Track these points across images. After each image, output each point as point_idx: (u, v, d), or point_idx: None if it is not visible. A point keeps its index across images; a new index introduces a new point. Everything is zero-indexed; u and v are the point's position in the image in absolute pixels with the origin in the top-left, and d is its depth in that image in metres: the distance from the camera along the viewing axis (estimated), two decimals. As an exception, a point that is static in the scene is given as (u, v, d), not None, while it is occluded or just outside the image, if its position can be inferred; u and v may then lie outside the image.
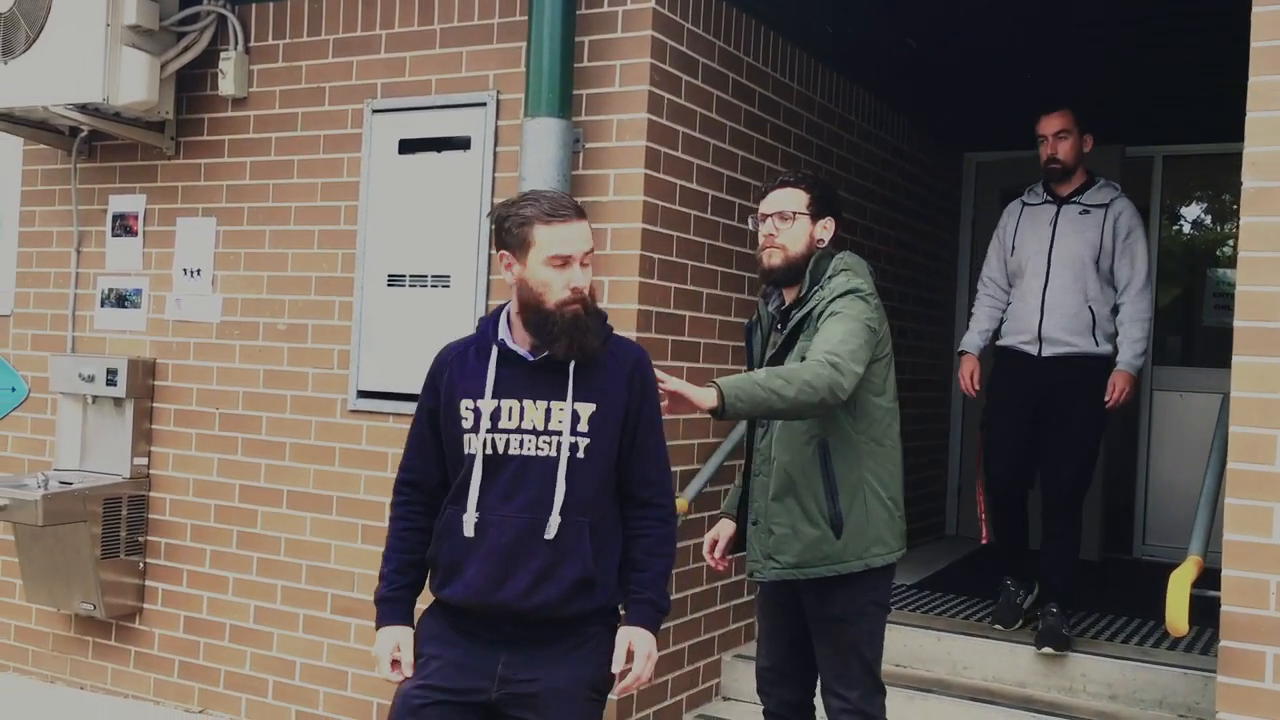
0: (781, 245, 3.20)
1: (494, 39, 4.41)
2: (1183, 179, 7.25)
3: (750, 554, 3.24)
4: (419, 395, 2.76)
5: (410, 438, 2.78)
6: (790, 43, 5.09)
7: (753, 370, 3.15)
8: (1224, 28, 4.30)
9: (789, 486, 3.13)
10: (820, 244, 3.24)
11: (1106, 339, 4.62)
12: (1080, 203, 4.67)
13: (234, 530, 4.93)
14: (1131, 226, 4.61)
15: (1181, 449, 6.73)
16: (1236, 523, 3.12)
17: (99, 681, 5.25)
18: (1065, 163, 4.65)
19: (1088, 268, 4.60)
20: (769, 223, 3.24)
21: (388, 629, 2.72)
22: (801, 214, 3.22)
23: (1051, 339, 4.63)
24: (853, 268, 3.20)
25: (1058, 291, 4.62)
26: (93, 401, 5.12)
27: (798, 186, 3.26)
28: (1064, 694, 4.44)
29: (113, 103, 4.64)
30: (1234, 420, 3.14)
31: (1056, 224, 4.67)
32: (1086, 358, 4.60)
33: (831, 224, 3.27)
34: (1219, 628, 3.15)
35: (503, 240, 2.62)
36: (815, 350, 2.97)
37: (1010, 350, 4.75)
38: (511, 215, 2.60)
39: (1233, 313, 3.19)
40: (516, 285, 2.61)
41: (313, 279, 4.79)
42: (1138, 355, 4.57)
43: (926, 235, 6.93)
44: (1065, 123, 4.64)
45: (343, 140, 4.73)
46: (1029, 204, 4.81)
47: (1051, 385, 4.61)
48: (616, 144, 4.17)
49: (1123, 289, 4.61)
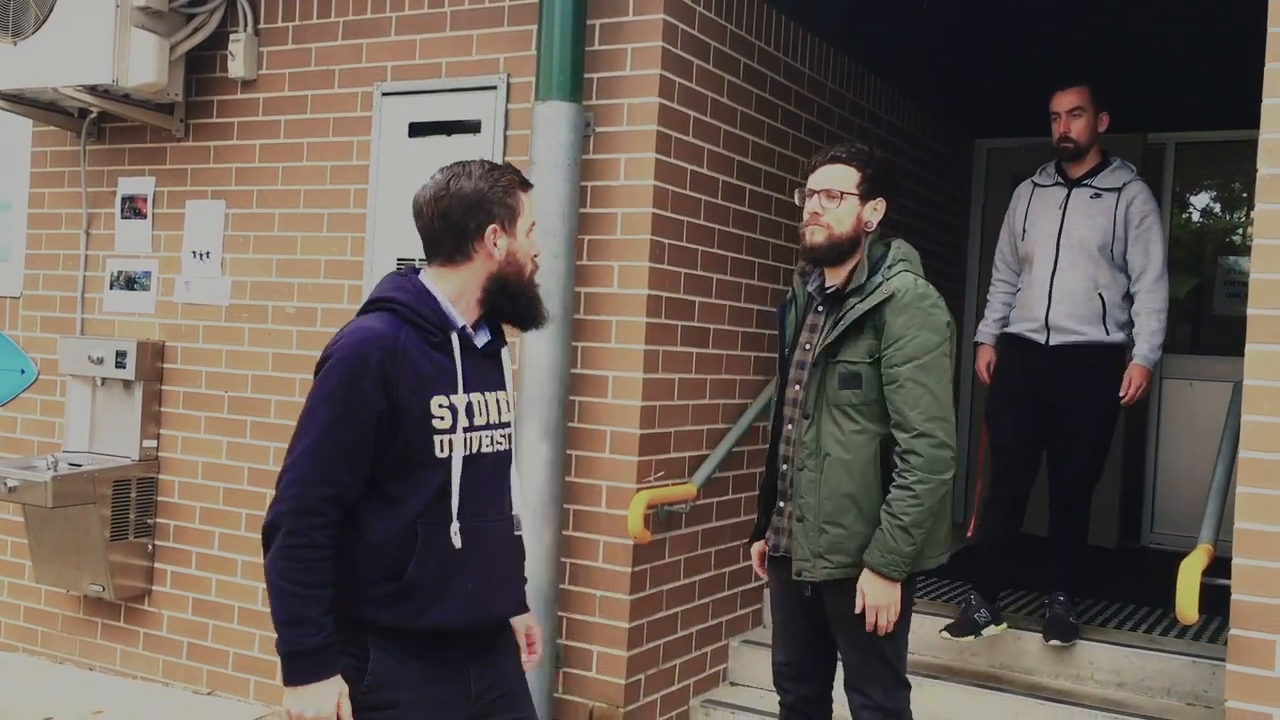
0: (827, 224, 3.07)
1: (505, 22, 4.39)
2: (1195, 166, 7.21)
3: (797, 552, 3.10)
4: (338, 399, 2.30)
5: (333, 447, 2.29)
6: (801, 27, 5.06)
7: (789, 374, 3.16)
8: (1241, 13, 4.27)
9: (846, 484, 3.03)
10: (869, 226, 3.10)
11: (1119, 327, 4.45)
12: (1092, 186, 4.48)
13: (243, 513, 4.94)
14: (1146, 212, 4.41)
15: (1191, 437, 6.71)
16: (1248, 511, 3.11)
17: (108, 662, 5.27)
18: (1078, 142, 4.46)
19: (1098, 254, 4.42)
20: (815, 199, 3.09)
21: (330, 681, 2.29)
22: (850, 194, 3.07)
23: (1059, 327, 4.45)
24: (909, 258, 3.11)
25: (1066, 278, 4.44)
26: (102, 384, 5.13)
27: (850, 163, 3.10)
28: (1072, 681, 4.44)
29: (122, 84, 4.63)
30: (1246, 408, 3.13)
31: (1066, 207, 4.49)
32: (1097, 346, 4.43)
33: (882, 205, 3.13)
34: (1228, 616, 3.14)
35: (490, 213, 2.40)
36: (907, 414, 2.93)
37: (1017, 338, 4.58)
38: (496, 184, 2.42)
39: (1244, 300, 3.18)
40: (503, 259, 2.42)
41: (322, 262, 4.78)
42: (1154, 349, 4.39)
43: (937, 222, 6.90)
44: (1080, 99, 4.45)
45: (352, 123, 4.72)
46: (1040, 185, 4.63)
47: (1060, 375, 4.44)
48: (627, 128, 4.16)
49: (1137, 277, 4.42)
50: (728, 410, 4.65)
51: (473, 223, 2.40)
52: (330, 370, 2.32)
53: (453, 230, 2.40)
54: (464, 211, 2.40)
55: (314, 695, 2.28)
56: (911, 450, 2.94)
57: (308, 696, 2.28)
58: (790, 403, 3.19)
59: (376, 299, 2.44)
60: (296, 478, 2.29)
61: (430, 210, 2.42)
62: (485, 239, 2.41)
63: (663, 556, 4.29)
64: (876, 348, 3.00)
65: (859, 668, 3.13)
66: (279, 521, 2.28)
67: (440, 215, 2.40)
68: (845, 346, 3.03)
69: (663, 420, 4.27)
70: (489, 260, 2.43)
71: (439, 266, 2.46)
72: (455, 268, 2.44)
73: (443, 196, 2.40)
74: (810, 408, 3.08)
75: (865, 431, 3.02)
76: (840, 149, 3.17)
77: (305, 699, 2.28)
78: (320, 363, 2.37)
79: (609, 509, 4.13)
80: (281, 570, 2.27)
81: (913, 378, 2.95)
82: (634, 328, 4.14)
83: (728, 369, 4.67)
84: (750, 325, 4.79)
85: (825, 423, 3.06)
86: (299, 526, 2.27)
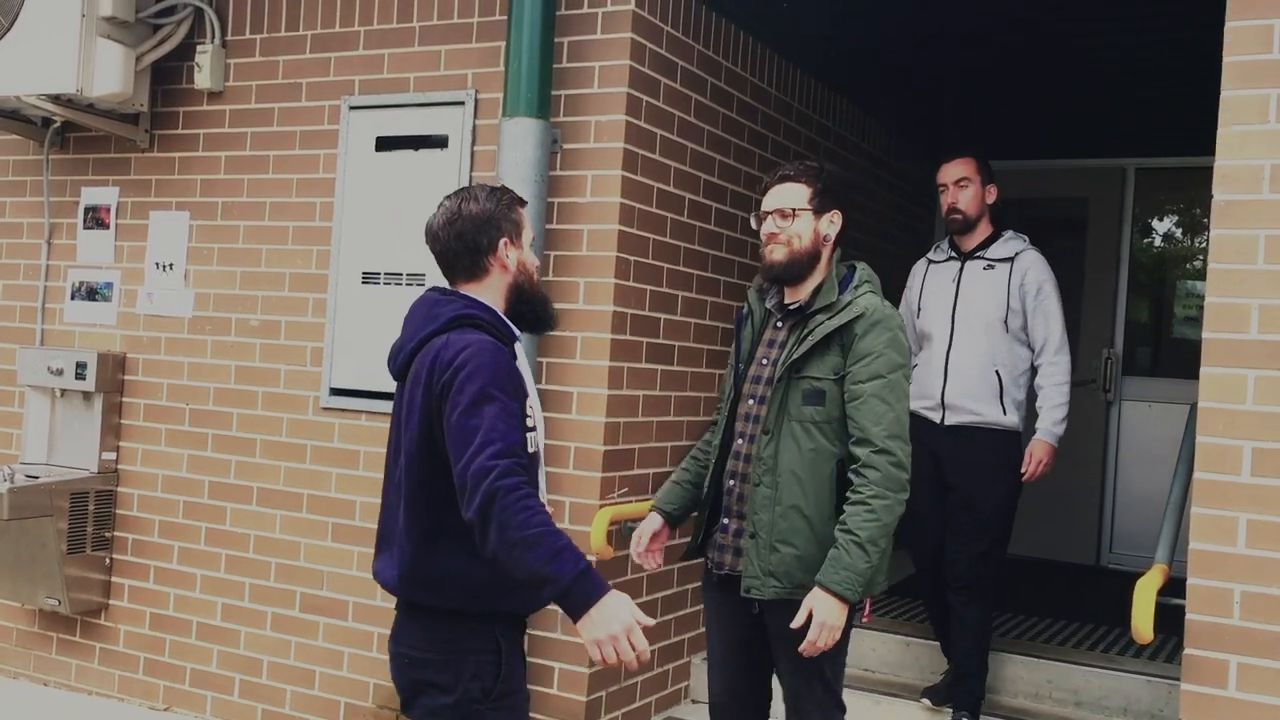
0: (785, 240, 3.05)
1: (473, 38, 4.40)
2: (1154, 191, 7.32)
3: (748, 570, 3.03)
4: (505, 390, 2.49)
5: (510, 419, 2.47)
6: (768, 48, 5.11)
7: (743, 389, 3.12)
8: (1198, 41, 4.34)
9: (801, 503, 2.98)
10: (827, 240, 3.07)
11: (1015, 407, 4.27)
12: (985, 257, 4.33)
13: (203, 527, 4.90)
14: (1041, 282, 4.25)
15: (1148, 458, 6.78)
16: (1202, 532, 3.15)
17: (63, 678, 5.20)
18: (966, 213, 4.31)
19: (994, 328, 4.25)
20: (770, 220, 3.08)
21: (615, 592, 2.38)
22: (803, 209, 3.05)
23: (955, 406, 4.27)
24: (874, 281, 3.10)
25: (962, 354, 4.28)
26: (61, 395, 5.07)
27: (799, 180, 3.08)
28: (1029, 700, 4.48)
29: (87, 94, 4.60)
30: (1201, 430, 3.18)
31: (960, 281, 4.34)
32: (992, 431, 4.24)
33: (839, 217, 3.09)
34: (1183, 636, 3.18)
35: (500, 228, 2.65)
36: (869, 429, 2.91)
37: (915, 416, 4.25)
38: (500, 203, 2.66)
39: (1201, 324, 3.23)
40: (516, 269, 2.67)
41: (286, 275, 4.76)
42: (1057, 423, 4.22)
43: (900, 243, 6.96)
44: (966, 170, 4.32)
45: (319, 136, 4.71)
46: (934, 261, 4.48)
47: (955, 458, 4.26)
48: (594, 145, 4.17)
49: (1039, 350, 4.27)
50: (692, 427, 4.66)
51: (485, 239, 2.64)
52: (480, 364, 2.47)
53: (469, 249, 2.64)
54: (477, 230, 2.63)
55: (613, 607, 2.33)
56: (871, 465, 2.90)
57: (608, 611, 2.33)
58: (744, 418, 3.13)
59: (457, 316, 2.60)
60: (498, 449, 2.39)
61: (446, 234, 2.65)
62: (499, 252, 2.64)
63: (625, 573, 4.29)
64: (841, 365, 2.98)
65: (798, 692, 3.07)
66: (494, 487, 2.35)
67: (456, 236, 2.63)
68: (810, 363, 3.01)
69: (626, 437, 4.28)
70: (504, 272, 2.67)
71: (463, 284, 2.68)
72: (478, 284, 2.67)
73: (456, 220, 2.64)
74: (771, 424, 3.03)
75: (822, 451, 2.98)
76: (789, 167, 3.15)
77: (607, 614, 2.33)
78: (453, 368, 2.47)
79: (572, 524, 4.13)
80: (520, 521, 2.34)
81: (877, 394, 2.93)
82: (599, 344, 4.15)
83: (692, 386, 4.68)
84: (715, 343, 4.81)
85: (785, 439, 3.02)
86: (514, 483, 2.37)
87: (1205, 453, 3.17)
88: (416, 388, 2.55)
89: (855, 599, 2.88)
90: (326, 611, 4.60)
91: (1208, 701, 3.12)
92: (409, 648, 2.61)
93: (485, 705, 2.53)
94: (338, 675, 4.58)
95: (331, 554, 4.60)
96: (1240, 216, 3.16)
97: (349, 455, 4.58)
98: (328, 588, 4.60)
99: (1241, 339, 3.13)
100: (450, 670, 2.54)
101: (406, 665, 2.61)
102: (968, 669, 4.26)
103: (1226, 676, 3.10)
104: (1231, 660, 3.10)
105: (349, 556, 4.56)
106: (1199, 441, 3.18)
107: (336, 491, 4.60)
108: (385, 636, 4.41)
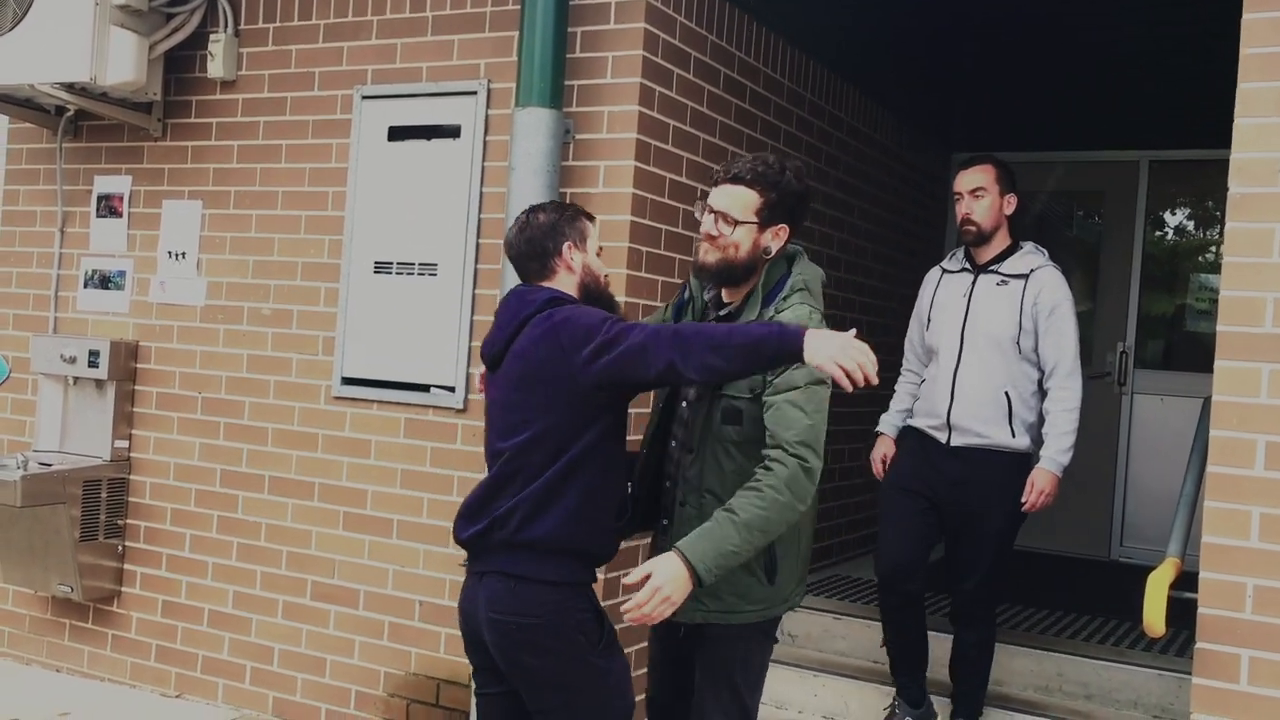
0: (722, 247, 2.85)
1: (486, 27, 4.40)
2: (1168, 184, 7.29)
3: None
4: None
5: None
6: (782, 38, 5.09)
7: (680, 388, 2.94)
8: (1214, 34, 4.32)
9: None
10: (768, 252, 2.87)
11: (1025, 429, 4.04)
12: (999, 272, 4.09)
13: (214, 515, 4.91)
14: (1056, 302, 4.00)
15: (1160, 452, 6.77)
16: (1215, 525, 3.14)
17: (75, 664, 5.23)
18: (981, 226, 4.07)
19: (1005, 347, 4.02)
20: (710, 220, 2.88)
21: None
22: (747, 223, 2.84)
23: (961, 427, 4.05)
24: (809, 287, 2.91)
25: (970, 373, 4.05)
26: (74, 383, 5.09)
27: (752, 186, 2.85)
28: (1040, 693, 4.47)
29: (100, 82, 4.61)
30: (1215, 424, 3.17)
31: (972, 295, 4.10)
32: (1000, 453, 4.03)
33: (784, 232, 2.89)
34: (1195, 629, 3.17)
35: (564, 234, 2.96)
36: (780, 433, 2.69)
37: (918, 433, 4.20)
38: (564, 214, 3.00)
39: (1214, 318, 3.21)
40: (581, 271, 2.97)
41: (299, 264, 4.77)
42: (1063, 451, 3.96)
43: (912, 234, 6.95)
44: (984, 179, 4.09)
45: (332, 126, 4.71)
46: (948, 271, 4.25)
47: (958, 481, 4.06)
48: (607, 136, 4.17)
49: (1049, 373, 4.02)
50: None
51: (551, 243, 2.96)
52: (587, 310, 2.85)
53: (538, 252, 2.96)
54: (544, 235, 2.96)
55: (820, 332, 2.60)
56: (780, 462, 2.67)
57: (818, 337, 2.57)
58: (679, 421, 2.96)
59: (551, 298, 2.89)
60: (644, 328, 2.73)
61: (519, 240, 2.99)
62: (564, 254, 2.95)
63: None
64: (760, 384, 2.78)
65: (704, 696, 2.94)
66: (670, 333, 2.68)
67: (527, 241, 2.97)
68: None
69: (638, 427, 4.26)
70: (570, 273, 2.96)
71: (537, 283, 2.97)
72: (548, 282, 2.96)
73: (526, 228, 2.99)
74: (695, 442, 2.88)
75: (745, 473, 2.74)
76: (745, 167, 2.89)
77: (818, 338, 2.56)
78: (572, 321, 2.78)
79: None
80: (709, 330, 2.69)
81: (789, 400, 2.72)
82: (610, 335, 4.14)
83: (703, 377, 4.67)
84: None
85: (709, 459, 2.85)
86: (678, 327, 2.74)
87: (1218, 446, 3.16)
88: (530, 361, 2.81)
89: (705, 577, 2.60)
90: (338, 600, 4.61)
91: (1219, 695, 3.12)
92: (515, 615, 2.79)
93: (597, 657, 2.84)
94: (349, 663, 4.59)
95: (343, 542, 4.61)
96: (1255, 210, 3.14)
97: (360, 444, 4.59)
98: (339, 576, 4.61)
99: (1256, 332, 3.12)
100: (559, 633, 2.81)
101: (513, 630, 2.80)
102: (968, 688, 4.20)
103: (1238, 670, 3.09)
104: (1243, 654, 3.09)
105: (360, 545, 4.58)
106: (1212, 435, 3.17)
107: (348, 480, 4.61)
108: (395, 625, 4.45)
